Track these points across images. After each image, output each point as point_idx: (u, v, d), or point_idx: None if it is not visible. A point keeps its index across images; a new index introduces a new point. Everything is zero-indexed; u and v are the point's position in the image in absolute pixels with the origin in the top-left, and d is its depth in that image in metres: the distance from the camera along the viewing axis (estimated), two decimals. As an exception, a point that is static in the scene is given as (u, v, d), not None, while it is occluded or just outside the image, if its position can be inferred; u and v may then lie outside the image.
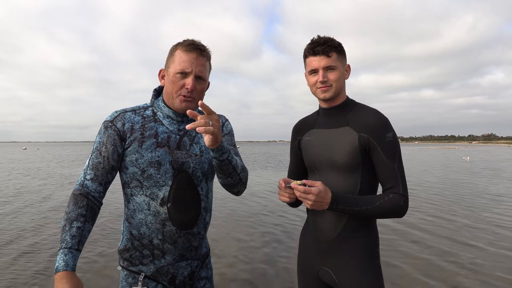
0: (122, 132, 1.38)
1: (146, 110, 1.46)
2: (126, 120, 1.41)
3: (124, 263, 1.43)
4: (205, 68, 1.41)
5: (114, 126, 1.39)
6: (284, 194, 1.39)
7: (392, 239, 5.60)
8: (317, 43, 1.46)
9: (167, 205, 1.37)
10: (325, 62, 1.44)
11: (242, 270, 4.34)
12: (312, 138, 1.56)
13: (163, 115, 1.44)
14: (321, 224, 1.51)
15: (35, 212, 7.76)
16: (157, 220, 1.37)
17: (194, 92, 1.39)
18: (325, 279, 1.51)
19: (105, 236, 5.82)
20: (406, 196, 1.39)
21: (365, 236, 1.46)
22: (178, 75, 1.37)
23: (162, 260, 1.40)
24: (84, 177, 1.36)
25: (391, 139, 1.42)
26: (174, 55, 1.40)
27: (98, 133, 1.41)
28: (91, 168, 1.37)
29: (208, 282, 1.54)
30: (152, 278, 1.41)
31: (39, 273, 4.15)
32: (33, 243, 5.40)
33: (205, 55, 1.41)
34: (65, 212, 1.30)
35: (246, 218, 7.24)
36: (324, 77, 1.45)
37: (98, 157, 1.37)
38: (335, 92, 1.47)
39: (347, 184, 1.45)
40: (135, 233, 1.40)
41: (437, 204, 8.72)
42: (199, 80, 1.40)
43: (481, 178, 15.01)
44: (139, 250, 1.40)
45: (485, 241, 5.52)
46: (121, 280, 1.43)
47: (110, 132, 1.38)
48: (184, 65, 1.36)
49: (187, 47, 1.38)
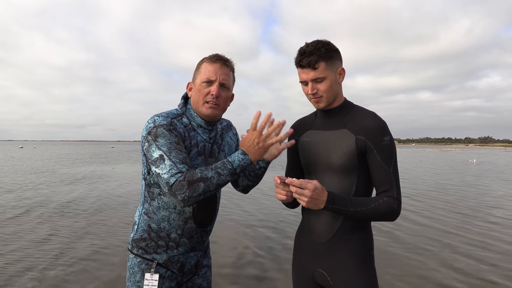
0: (181, 137, 1.48)
1: (182, 117, 1.55)
2: (178, 126, 1.50)
3: (138, 251, 1.55)
4: (229, 77, 1.55)
5: (175, 131, 1.46)
6: (281, 192, 1.38)
7: (387, 241, 5.61)
8: (303, 55, 1.43)
9: (193, 206, 1.51)
10: (313, 75, 1.42)
11: (235, 273, 4.33)
12: (310, 139, 1.56)
13: (196, 125, 1.56)
14: (316, 225, 1.51)
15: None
16: (181, 218, 1.53)
17: (219, 99, 1.51)
18: (319, 280, 1.51)
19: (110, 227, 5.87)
20: (399, 200, 1.40)
21: (360, 238, 1.46)
22: (204, 83, 1.50)
23: (175, 251, 1.56)
24: (180, 170, 1.35)
25: (388, 142, 1.42)
26: (201, 67, 1.54)
27: (162, 137, 1.41)
28: (180, 163, 1.37)
29: (209, 270, 1.72)
30: (164, 266, 1.55)
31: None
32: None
33: (228, 65, 1.55)
34: (199, 178, 1.34)
35: (243, 218, 7.24)
36: (313, 89, 1.44)
37: (181, 153, 1.40)
38: (327, 101, 1.47)
39: (343, 186, 1.45)
40: (154, 227, 1.54)
41: (453, 204, 8.76)
42: (223, 88, 1.53)
43: (490, 180, 15.13)
44: (154, 240, 1.54)
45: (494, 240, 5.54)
46: (132, 266, 1.56)
47: (176, 134, 1.45)
48: (209, 74, 1.50)
49: (212, 59, 1.53)
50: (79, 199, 9.48)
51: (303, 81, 1.47)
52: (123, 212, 7.80)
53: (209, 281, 1.72)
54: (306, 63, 1.41)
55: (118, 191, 11.18)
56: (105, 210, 8.03)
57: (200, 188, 1.33)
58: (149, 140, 1.41)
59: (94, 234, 5.95)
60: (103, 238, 5.72)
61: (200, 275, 1.68)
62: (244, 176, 1.69)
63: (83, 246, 5.24)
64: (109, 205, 8.60)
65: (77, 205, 8.52)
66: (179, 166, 1.35)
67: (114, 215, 7.46)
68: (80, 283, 3.88)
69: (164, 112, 1.53)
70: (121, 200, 9.36)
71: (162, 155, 1.37)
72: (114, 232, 6.08)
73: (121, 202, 9.05)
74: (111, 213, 7.73)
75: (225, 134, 1.68)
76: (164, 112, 1.53)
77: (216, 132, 1.63)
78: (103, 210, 7.97)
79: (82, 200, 9.25)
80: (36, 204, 8.58)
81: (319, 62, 1.41)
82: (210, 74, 1.49)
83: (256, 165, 1.63)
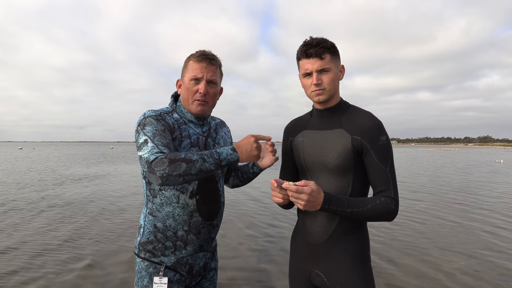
0: (169, 127, 1.51)
1: (173, 113, 1.59)
2: (167, 119, 1.54)
3: (146, 255, 1.54)
4: (216, 74, 1.58)
5: (163, 120, 1.51)
6: (277, 195, 1.36)
7: (384, 242, 5.61)
8: (310, 45, 1.43)
9: (196, 197, 1.52)
10: (319, 65, 1.42)
11: (233, 274, 4.33)
12: (305, 139, 1.55)
13: (187, 120, 1.60)
14: (312, 226, 1.50)
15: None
16: (185, 212, 1.52)
17: (207, 96, 1.56)
18: (316, 282, 1.50)
19: (119, 231, 5.85)
20: (397, 200, 1.39)
21: (356, 239, 1.45)
22: (192, 81, 1.54)
23: (183, 251, 1.55)
24: (161, 151, 1.35)
25: (384, 142, 1.41)
26: (188, 65, 1.58)
27: (149, 125, 1.45)
28: (163, 146, 1.38)
29: (215, 273, 1.71)
30: (172, 269, 1.54)
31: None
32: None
33: (214, 63, 1.57)
34: (182, 159, 1.32)
35: (238, 216, 7.23)
36: (318, 80, 1.43)
37: (165, 138, 1.42)
38: (329, 94, 1.46)
39: (339, 186, 1.44)
40: (160, 226, 1.53)
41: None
42: (211, 84, 1.57)
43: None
44: (161, 242, 1.53)
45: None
46: (139, 270, 1.54)
47: (163, 123, 1.49)
48: (196, 72, 1.54)
49: (198, 58, 1.55)
50: (81, 199, 9.44)
51: (307, 72, 1.45)
52: (129, 213, 7.72)
53: (215, 285, 1.71)
54: (314, 52, 1.42)
55: (123, 191, 11.09)
56: (111, 211, 7.96)
57: (182, 168, 1.29)
58: (138, 130, 1.46)
59: (100, 236, 5.86)
60: (109, 241, 5.62)
61: (208, 279, 1.67)
62: (236, 176, 1.81)
63: (88, 249, 5.15)
64: (115, 206, 8.53)
65: (80, 206, 8.48)
66: (161, 148, 1.37)
67: (120, 217, 7.38)
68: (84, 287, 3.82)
69: (156, 109, 1.58)
70: (127, 202, 9.21)
71: (146, 140, 1.40)
72: (121, 235, 5.98)
73: (126, 204, 8.91)
74: (116, 214, 7.65)
75: (219, 129, 1.72)
76: (156, 109, 1.59)
77: (210, 126, 1.67)
78: (109, 211, 7.90)
79: (86, 201, 9.20)
80: (36, 204, 8.56)
81: (326, 53, 1.43)
82: (197, 72, 1.54)
83: (250, 169, 1.75)
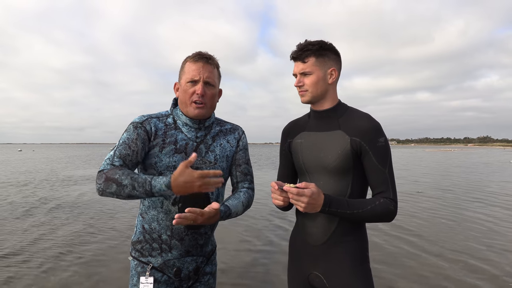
0: (149, 134, 1.51)
1: (168, 117, 1.58)
2: (153, 124, 1.53)
3: (135, 254, 1.57)
4: (213, 75, 1.54)
5: (143, 127, 1.50)
6: (278, 198, 1.37)
7: (382, 243, 5.60)
8: (296, 49, 1.49)
9: (178, 205, 1.49)
10: (301, 68, 1.47)
11: (233, 275, 4.32)
12: (303, 141, 1.55)
13: (182, 123, 1.56)
14: (311, 228, 1.50)
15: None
16: (168, 218, 1.50)
17: (205, 98, 1.52)
18: (315, 283, 1.50)
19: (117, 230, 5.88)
20: (396, 201, 1.40)
21: (355, 240, 1.46)
22: (189, 83, 1.51)
23: (169, 254, 1.53)
24: (112, 163, 1.42)
25: (383, 144, 1.42)
26: (184, 67, 1.55)
27: (126, 131, 1.50)
28: (119, 157, 1.44)
29: (212, 277, 1.67)
30: (159, 270, 1.54)
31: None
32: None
33: (211, 63, 1.54)
34: (115, 180, 1.35)
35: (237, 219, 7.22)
36: (299, 82, 1.49)
37: (127, 149, 1.46)
38: (311, 96, 1.49)
39: (338, 187, 1.44)
40: (147, 228, 1.54)
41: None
42: (209, 86, 1.53)
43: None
44: (149, 243, 1.54)
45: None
46: (131, 269, 1.58)
47: (140, 131, 1.49)
48: (193, 74, 1.50)
49: (194, 58, 1.53)
50: (83, 200, 9.44)
51: (293, 74, 1.52)
52: (129, 214, 7.74)
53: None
54: (297, 56, 1.47)
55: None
56: (111, 211, 7.97)
57: (112, 188, 1.35)
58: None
59: (100, 236, 5.89)
60: (110, 240, 5.65)
61: (202, 283, 1.63)
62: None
63: (88, 248, 5.19)
64: (115, 206, 8.51)
65: (81, 206, 8.47)
66: (115, 159, 1.42)
67: (120, 217, 7.40)
68: (83, 286, 3.84)
69: (152, 113, 1.58)
70: (127, 202, 9.04)
71: (114, 146, 1.48)
72: (121, 235, 6.00)
73: (127, 204, 8.85)
74: (116, 214, 7.67)
75: (221, 137, 1.63)
76: (154, 113, 1.59)
77: (208, 132, 1.60)
78: (109, 211, 7.93)
79: (86, 201, 9.18)
80: (37, 205, 8.54)
81: (310, 57, 1.46)
82: (193, 73, 1.51)
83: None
